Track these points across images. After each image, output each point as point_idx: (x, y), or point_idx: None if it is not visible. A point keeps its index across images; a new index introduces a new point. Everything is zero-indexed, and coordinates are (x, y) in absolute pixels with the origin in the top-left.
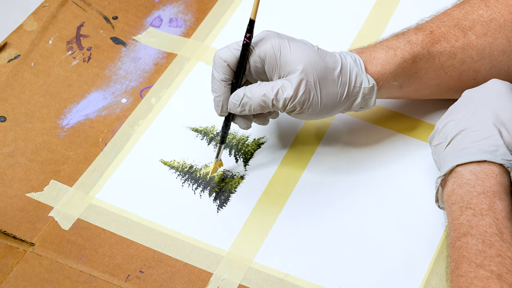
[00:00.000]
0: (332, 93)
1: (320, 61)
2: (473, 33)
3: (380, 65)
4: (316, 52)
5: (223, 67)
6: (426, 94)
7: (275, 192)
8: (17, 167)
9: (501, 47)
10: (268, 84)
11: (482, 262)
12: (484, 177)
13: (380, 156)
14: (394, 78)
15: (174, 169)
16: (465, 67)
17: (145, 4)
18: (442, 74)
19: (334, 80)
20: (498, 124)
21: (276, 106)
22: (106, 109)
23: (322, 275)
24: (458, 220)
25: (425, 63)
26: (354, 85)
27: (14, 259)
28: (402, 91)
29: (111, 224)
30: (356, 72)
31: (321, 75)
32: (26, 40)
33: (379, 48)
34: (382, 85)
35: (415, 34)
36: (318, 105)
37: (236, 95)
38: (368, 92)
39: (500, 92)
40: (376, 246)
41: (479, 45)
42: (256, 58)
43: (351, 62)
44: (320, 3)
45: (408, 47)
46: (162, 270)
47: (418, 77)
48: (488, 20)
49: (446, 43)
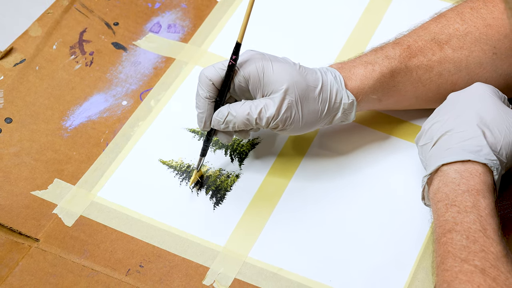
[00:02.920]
0: (313, 110)
1: (302, 80)
2: (449, 46)
3: (360, 81)
4: (298, 71)
5: (208, 85)
6: (405, 105)
7: (269, 190)
8: (22, 166)
9: (478, 60)
10: (251, 103)
11: (467, 257)
12: (469, 176)
13: (369, 156)
14: (373, 92)
15: (172, 168)
16: (442, 80)
17: (144, 11)
18: (420, 87)
19: (315, 98)
20: (481, 126)
21: (260, 124)
22: (108, 111)
23: (313, 269)
24: (444, 217)
25: (402, 77)
26: (334, 101)
27: (20, 254)
28: (381, 104)
29: (112, 221)
30: (337, 88)
31: (303, 93)
32: (31, 45)
33: (358, 63)
34: (361, 99)
35: (392, 48)
36: (299, 122)
37: (220, 113)
38: (348, 107)
39: (483, 95)
40: (366, 242)
41: (455, 58)
42: (240, 78)
43: (331, 79)
44: (309, 13)
45: (386, 62)
46: (161, 265)
47: (397, 90)
48: (464, 33)
49: (423, 57)
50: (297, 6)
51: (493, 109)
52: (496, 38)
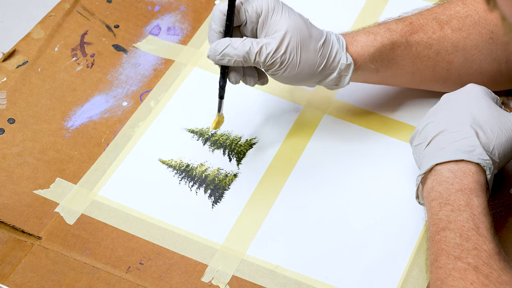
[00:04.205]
0: (311, 61)
1: (306, 29)
2: (449, 27)
3: (360, 47)
4: (305, 21)
5: (221, 19)
6: (401, 81)
7: (266, 189)
8: (25, 166)
9: (474, 42)
10: (253, 39)
11: (460, 254)
12: (462, 175)
13: (364, 156)
14: (371, 61)
15: (171, 167)
16: (439, 58)
17: (144, 14)
18: (418, 63)
19: (316, 49)
20: (475, 126)
21: (258, 60)
22: (108, 112)
23: (310, 266)
24: (437, 215)
25: (402, 50)
26: (333, 59)
27: (23, 252)
28: (378, 75)
29: (113, 219)
30: (337, 48)
31: (304, 41)
32: (34, 47)
33: (361, 32)
34: (360, 65)
35: (395, 23)
36: (295, 68)
37: (219, 44)
38: (344, 69)
39: (477, 96)
40: (361, 240)
41: (454, 38)
42: (253, 14)
43: (334, 39)
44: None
45: (388, 33)
46: (161, 262)
47: (395, 63)
48: (464, 16)
49: (424, 34)
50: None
51: (486, 109)
52: (495, 23)
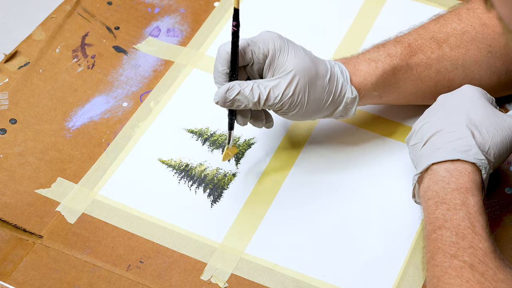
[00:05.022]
0: (318, 99)
1: (313, 68)
2: (447, 45)
3: (363, 77)
4: (311, 59)
5: (227, 60)
6: (403, 101)
7: (264, 189)
8: (27, 166)
9: (473, 58)
10: (260, 83)
11: (456, 253)
12: (458, 175)
13: (361, 156)
14: (375, 88)
15: (171, 167)
16: (440, 77)
17: (144, 16)
18: (419, 84)
19: (323, 87)
20: (470, 126)
21: (267, 104)
22: (109, 112)
23: (307, 264)
24: (434, 214)
25: (403, 74)
26: (339, 94)
27: (24, 250)
28: (381, 99)
29: (113, 218)
30: (342, 82)
31: (311, 80)
32: (35, 49)
33: (362, 60)
34: (363, 95)
35: (394, 46)
36: (303, 108)
37: (229, 91)
38: (350, 102)
39: (472, 97)
40: (358, 238)
41: (453, 56)
42: (260, 56)
43: (338, 72)
44: (302, 17)
45: (388, 59)
46: (160, 261)
47: (397, 87)
48: (461, 32)
49: (423, 55)
50: (290, 11)
51: (481, 110)
52: (492, 37)
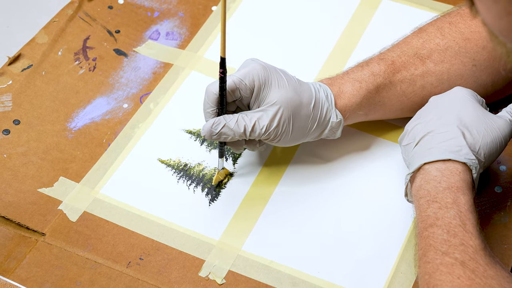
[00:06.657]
0: (303, 126)
1: (297, 98)
2: (431, 61)
3: (347, 99)
4: (294, 89)
5: (215, 101)
6: (391, 117)
7: (261, 188)
8: (30, 165)
9: (458, 72)
10: (245, 115)
11: (447, 250)
12: (449, 174)
13: (355, 155)
14: (359, 108)
15: (170, 167)
16: (425, 92)
17: (144, 19)
18: (405, 100)
19: (307, 115)
20: (461, 127)
21: (253, 135)
22: (110, 113)
23: (303, 261)
24: (425, 212)
25: (387, 91)
26: (323, 119)
27: (27, 248)
28: (368, 117)
29: (114, 216)
30: (327, 107)
31: (295, 110)
32: (38, 52)
33: (347, 80)
34: (349, 116)
35: (378, 64)
36: (288, 136)
37: (214, 125)
38: (335, 126)
39: (463, 99)
40: (352, 236)
41: (437, 71)
42: (247, 91)
43: (323, 98)
44: (295, 23)
45: (372, 78)
46: (160, 258)
47: (382, 105)
48: (444, 48)
49: (406, 72)
50: (283, 16)
51: (472, 111)
52: (475, 51)
